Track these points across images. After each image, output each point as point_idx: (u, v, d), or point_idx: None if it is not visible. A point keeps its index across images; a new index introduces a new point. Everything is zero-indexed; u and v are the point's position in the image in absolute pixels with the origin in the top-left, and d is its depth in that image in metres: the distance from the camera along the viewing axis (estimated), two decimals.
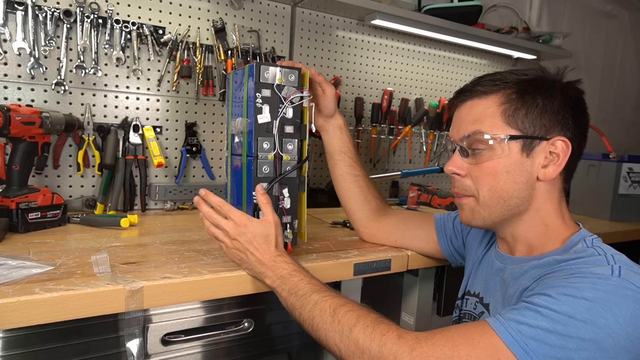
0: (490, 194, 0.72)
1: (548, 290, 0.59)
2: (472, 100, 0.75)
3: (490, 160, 0.71)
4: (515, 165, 0.71)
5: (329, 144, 1.06)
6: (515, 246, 0.77)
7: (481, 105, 0.73)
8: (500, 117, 0.71)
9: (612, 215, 1.72)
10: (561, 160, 0.71)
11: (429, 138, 1.97)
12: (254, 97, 0.89)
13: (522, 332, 0.56)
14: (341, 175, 1.05)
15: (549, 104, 0.71)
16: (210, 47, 1.47)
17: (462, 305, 0.89)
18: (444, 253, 1.01)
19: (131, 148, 1.37)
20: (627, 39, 2.77)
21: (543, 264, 0.69)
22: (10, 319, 0.64)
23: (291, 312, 0.74)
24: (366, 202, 1.06)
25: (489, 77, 0.74)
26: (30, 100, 1.25)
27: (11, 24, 1.20)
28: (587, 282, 0.58)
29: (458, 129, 0.76)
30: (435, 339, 0.59)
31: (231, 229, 0.82)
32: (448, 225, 1.00)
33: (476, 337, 0.58)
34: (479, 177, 0.73)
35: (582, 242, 0.69)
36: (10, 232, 1.01)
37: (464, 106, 0.76)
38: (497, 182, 0.71)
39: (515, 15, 2.23)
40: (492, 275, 0.80)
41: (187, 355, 0.86)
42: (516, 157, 0.71)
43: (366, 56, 1.82)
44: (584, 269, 0.61)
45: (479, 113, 0.73)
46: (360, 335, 0.63)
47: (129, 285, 0.71)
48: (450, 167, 0.76)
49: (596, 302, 0.56)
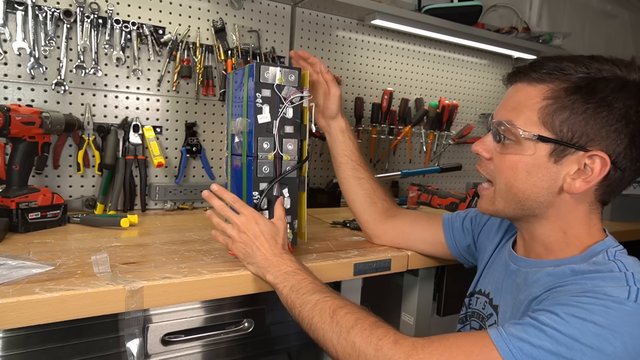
0: (506, 188, 0.69)
1: (556, 309, 0.55)
2: (522, 83, 0.68)
3: (514, 154, 0.67)
4: (537, 168, 0.66)
5: (332, 147, 1.05)
6: (532, 247, 0.73)
7: (525, 92, 0.67)
8: (537, 113, 0.65)
9: (612, 215, 1.72)
10: (593, 177, 0.63)
11: (429, 138, 1.97)
12: (254, 97, 0.89)
13: (524, 351, 0.53)
14: (345, 178, 1.05)
15: (605, 112, 0.61)
16: (210, 47, 1.47)
17: (470, 304, 0.87)
18: (453, 254, 0.99)
19: (131, 148, 1.37)
20: (627, 39, 2.77)
21: (558, 273, 0.65)
22: (10, 319, 0.64)
23: (290, 310, 0.74)
24: (372, 205, 1.05)
25: (552, 61, 0.65)
26: (30, 100, 1.25)
27: (11, 24, 1.20)
28: (599, 305, 0.54)
29: (499, 111, 0.71)
30: (433, 347, 0.58)
31: (242, 223, 0.83)
32: (456, 224, 0.98)
33: (475, 350, 0.56)
34: (499, 167, 0.69)
35: (604, 253, 0.64)
36: (10, 232, 1.01)
37: (513, 87, 0.70)
38: (514, 179, 0.67)
39: (515, 15, 2.23)
40: (506, 277, 0.77)
41: (187, 355, 0.86)
42: (542, 159, 0.65)
43: (366, 56, 1.82)
44: (599, 289, 0.56)
45: (519, 101, 0.67)
46: (358, 337, 0.62)
47: (129, 285, 0.71)
48: (477, 147, 0.72)
49: (606, 328, 0.52)
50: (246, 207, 0.85)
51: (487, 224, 0.93)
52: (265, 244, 0.81)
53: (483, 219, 0.94)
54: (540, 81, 0.65)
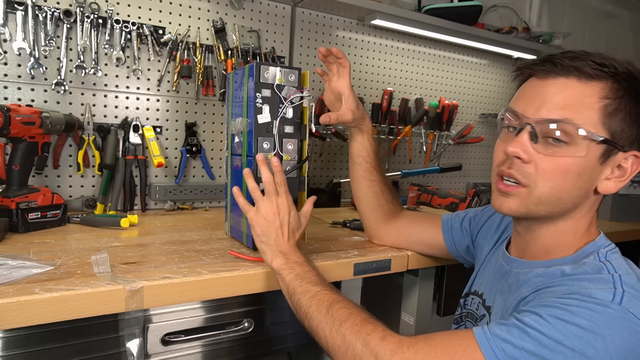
0: (551, 192, 0.64)
1: (540, 310, 0.56)
2: (568, 78, 0.63)
3: (567, 156, 0.62)
4: (588, 170, 0.63)
5: (350, 145, 1.05)
6: (529, 248, 0.73)
7: (578, 89, 0.62)
8: (598, 112, 0.61)
9: (612, 215, 1.72)
10: (627, 177, 0.64)
11: (429, 138, 1.97)
12: (254, 97, 0.89)
13: (506, 352, 0.54)
14: (356, 177, 1.05)
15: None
16: (210, 47, 1.47)
17: (465, 304, 0.88)
18: (452, 255, 1.00)
19: (131, 148, 1.37)
20: (627, 39, 2.77)
21: (548, 274, 0.65)
22: (10, 319, 0.64)
23: (290, 297, 0.75)
24: (378, 207, 1.06)
25: (594, 57, 0.62)
26: (30, 100, 1.25)
27: (11, 24, 1.20)
28: (583, 307, 0.54)
29: (538, 108, 0.63)
30: (418, 347, 0.58)
31: (280, 204, 0.83)
32: (455, 225, 0.98)
33: (459, 351, 0.56)
34: (547, 170, 0.63)
35: (595, 254, 0.64)
36: (10, 232, 1.01)
37: (554, 82, 0.64)
38: (565, 182, 0.63)
39: (515, 15, 2.23)
40: (499, 278, 0.78)
41: (187, 355, 0.86)
42: (593, 161, 0.62)
43: (366, 56, 1.82)
44: (584, 291, 0.56)
45: (573, 98, 0.62)
46: (348, 331, 0.63)
47: (129, 285, 0.71)
48: (516, 148, 0.63)
49: (589, 331, 0.52)
50: (288, 194, 0.86)
51: (485, 225, 0.93)
52: (286, 234, 0.83)
53: (482, 219, 0.94)
54: (593, 78, 0.62)
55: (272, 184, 0.85)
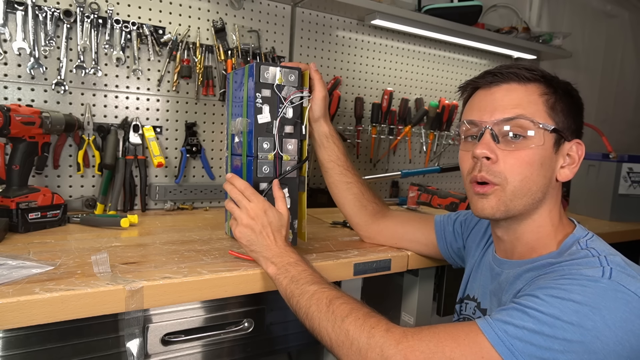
0: (521, 184, 0.69)
1: (536, 292, 0.59)
2: (509, 84, 0.71)
3: (528, 149, 0.68)
4: (547, 159, 0.70)
5: (317, 153, 1.03)
6: (515, 248, 0.76)
7: (521, 90, 0.70)
8: (542, 106, 0.69)
9: (612, 215, 1.72)
10: (577, 164, 0.72)
11: (429, 138, 1.97)
12: (254, 97, 0.89)
13: (508, 332, 0.56)
14: (333, 182, 1.04)
15: (574, 105, 0.72)
16: (210, 47, 1.47)
17: (461, 310, 0.89)
18: (444, 255, 1.01)
19: (131, 148, 1.37)
20: (627, 39, 2.77)
21: (537, 267, 0.69)
22: (10, 319, 0.64)
23: (288, 300, 0.75)
24: (362, 208, 1.05)
25: (524, 65, 0.73)
26: (30, 100, 1.25)
27: (11, 24, 1.20)
28: (576, 284, 0.57)
29: (492, 112, 0.70)
30: (422, 335, 0.60)
31: (252, 209, 0.84)
32: (448, 228, 0.99)
33: (462, 335, 0.59)
34: (514, 165, 0.69)
35: (577, 244, 0.68)
36: (10, 232, 1.01)
37: (498, 89, 0.72)
38: (531, 173, 0.69)
39: (515, 15, 2.23)
40: (490, 280, 0.80)
41: (187, 355, 0.86)
42: (549, 151, 0.70)
43: (366, 56, 1.82)
44: (575, 271, 0.61)
45: (520, 98, 0.70)
46: (351, 326, 0.64)
47: (129, 285, 0.71)
48: (483, 149, 0.69)
49: (584, 305, 0.55)
50: (257, 196, 0.86)
51: (475, 228, 0.94)
52: (271, 235, 0.83)
53: (472, 222, 0.95)
54: (530, 80, 0.71)
55: (238, 193, 0.86)
